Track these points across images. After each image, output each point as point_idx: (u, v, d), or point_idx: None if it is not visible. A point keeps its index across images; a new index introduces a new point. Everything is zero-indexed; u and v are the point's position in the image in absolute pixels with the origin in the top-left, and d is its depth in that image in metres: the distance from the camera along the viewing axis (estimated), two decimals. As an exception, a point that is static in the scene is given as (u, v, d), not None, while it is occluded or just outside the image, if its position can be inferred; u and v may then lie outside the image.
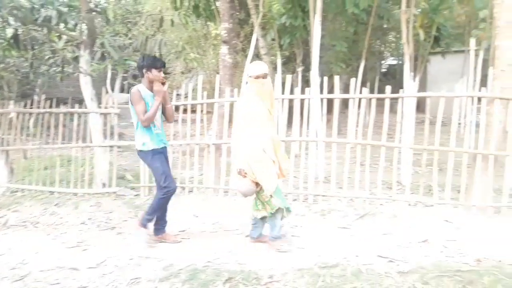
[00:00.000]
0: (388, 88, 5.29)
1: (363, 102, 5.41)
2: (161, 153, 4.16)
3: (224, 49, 6.38)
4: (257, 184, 3.82)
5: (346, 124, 5.71)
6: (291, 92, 5.73)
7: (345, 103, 5.81)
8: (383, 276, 3.26)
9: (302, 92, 5.79)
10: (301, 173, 5.63)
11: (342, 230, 4.42)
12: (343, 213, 4.95)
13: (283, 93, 5.74)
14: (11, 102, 6.55)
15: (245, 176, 3.83)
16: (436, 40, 11.79)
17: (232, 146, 4.25)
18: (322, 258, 3.63)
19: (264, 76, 3.86)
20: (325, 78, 5.62)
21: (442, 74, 15.24)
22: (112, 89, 15.59)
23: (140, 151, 4.12)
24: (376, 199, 5.25)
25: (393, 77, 19.67)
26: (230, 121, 5.86)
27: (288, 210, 3.93)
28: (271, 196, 3.82)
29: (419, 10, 8.60)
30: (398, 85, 6.44)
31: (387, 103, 5.26)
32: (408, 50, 6.49)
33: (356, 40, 11.67)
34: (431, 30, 10.42)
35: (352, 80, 5.45)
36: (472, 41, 5.20)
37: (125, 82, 18.33)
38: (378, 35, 14.42)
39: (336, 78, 5.53)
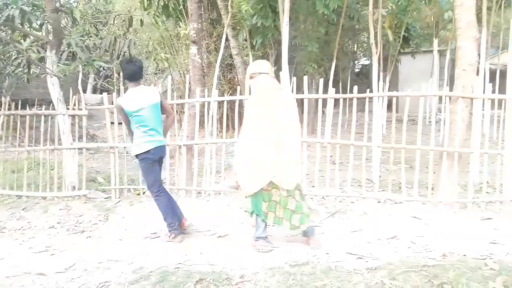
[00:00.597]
0: (355, 88, 5.38)
1: (331, 102, 5.47)
2: None
3: (193, 49, 6.34)
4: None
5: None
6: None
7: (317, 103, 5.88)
8: (352, 272, 3.30)
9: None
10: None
11: (313, 228, 4.46)
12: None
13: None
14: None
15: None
16: (406, 40, 12.08)
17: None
18: (293, 257, 3.65)
19: (252, 76, 3.82)
20: (300, 78, 5.66)
21: (413, 73, 15.60)
22: (84, 90, 15.29)
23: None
24: (346, 197, 5.33)
25: (366, 77, 19.97)
26: (201, 121, 5.86)
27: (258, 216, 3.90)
28: (248, 197, 3.86)
29: (388, 11, 8.78)
30: (371, 85, 6.55)
31: (355, 102, 5.36)
32: (376, 51, 6.61)
33: (327, 41, 11.78)
34: (400, 30, 10.67)
35: (321, 80, 5.51)
36: (435, 42, 5.33)
37: (93, 83, 18.00)
38: (349, 35, 14.61)
39: (305, 78, 5.59)
